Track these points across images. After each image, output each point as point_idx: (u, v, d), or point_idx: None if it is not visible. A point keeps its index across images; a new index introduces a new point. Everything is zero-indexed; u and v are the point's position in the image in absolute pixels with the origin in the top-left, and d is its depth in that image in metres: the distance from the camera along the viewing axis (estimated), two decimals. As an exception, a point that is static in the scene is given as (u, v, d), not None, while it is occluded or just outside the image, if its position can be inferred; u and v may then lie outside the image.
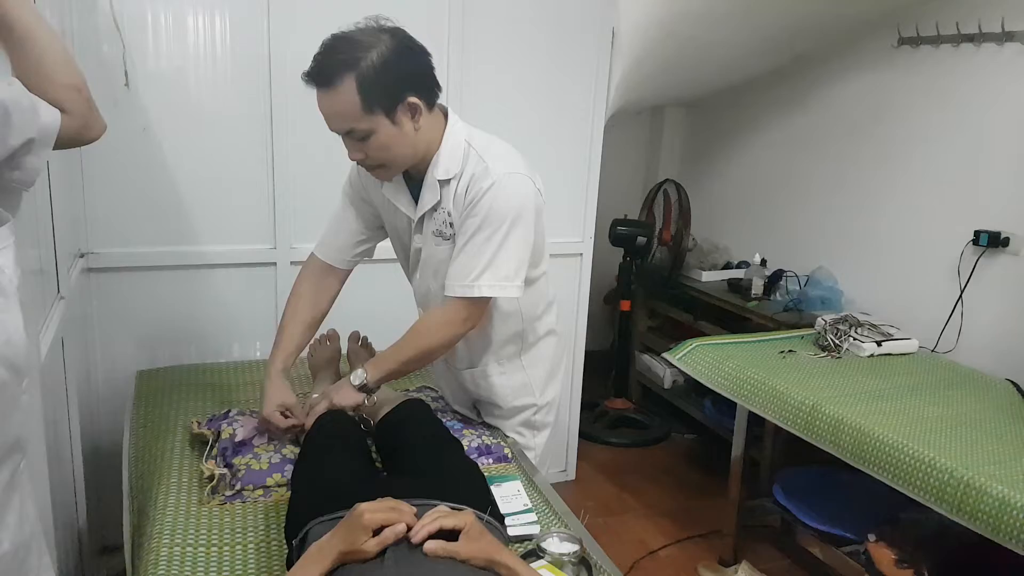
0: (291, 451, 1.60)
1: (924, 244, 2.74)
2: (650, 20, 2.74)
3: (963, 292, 2.58)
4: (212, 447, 1.63)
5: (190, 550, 1.32)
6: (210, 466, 1.54)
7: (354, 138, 1.45)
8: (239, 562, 1.31)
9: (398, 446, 1.55)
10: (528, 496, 1.52)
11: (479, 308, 1.59)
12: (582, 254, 2.93)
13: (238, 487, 1.51)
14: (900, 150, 2.83)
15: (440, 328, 1.59)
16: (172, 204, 2.31)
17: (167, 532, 1.36)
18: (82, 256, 2.21)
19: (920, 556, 2.05)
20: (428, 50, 1.47)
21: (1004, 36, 2.44)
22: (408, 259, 1.72)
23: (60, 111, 1.02)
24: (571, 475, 3.18)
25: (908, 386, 2.28)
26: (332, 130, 1.46)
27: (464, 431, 1.77)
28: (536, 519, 1.44)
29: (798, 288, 3.09)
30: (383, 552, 1.04)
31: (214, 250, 2.38)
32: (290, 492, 1.42)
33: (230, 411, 1.78)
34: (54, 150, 1.02)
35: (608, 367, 3.74)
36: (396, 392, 1.85)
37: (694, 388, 3.44)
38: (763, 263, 3.25)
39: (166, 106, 2.23)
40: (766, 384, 2.25)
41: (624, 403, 3.68)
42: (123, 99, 2.17)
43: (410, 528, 1.06)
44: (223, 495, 1.49)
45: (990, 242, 2.48)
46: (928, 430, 1.95)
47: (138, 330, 2.35)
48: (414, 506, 1.11)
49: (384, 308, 2.09)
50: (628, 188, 4.12)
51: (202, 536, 1.36)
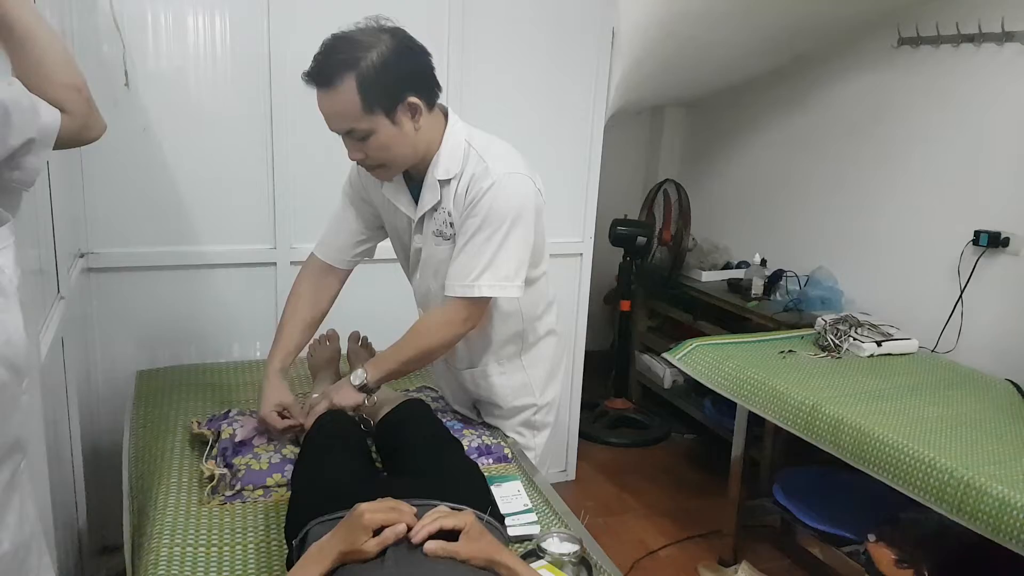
0: (291, 451, 1.60)
1: (924, 244, 2.74)
2: (650, 20, 2.74)
3: (963, 292, 2.58)
4: (212, 447, 1.63)
5: (190, 550, 1.32)
6: (210, 466, 1.54)
7: (354, 138, 1.45)
8: (239, 562, 1.31)
9: (398, 446, 1.55)
10: (528, 496, 1.52)
11: (479, 308, 1.59)
12: (582, 254, 2.93)
13: (238, 487, 1.51)
14: (900, 150, 2.83)
15: (440, 328, 1.59)
16: (172, 204, 2.31)
17: (167, 532, 1.36)
18: (82, 256, 2.21)
19: (920, 556, 2.05)
20: (428, 50, 1.47)
21: (1004, 36, 2.44)
22: (408, 259, 1.72)
23: (60, 111, 1.02)
24: (571, 475, 3.18)
25: (908, 386, 2.28)
26: (332, 130, 1.46)
27: (464, 431, 1.77)
28: (536, 519, 1.44)
29: (798, 288, 3.09)
30: (383, 552, 1.04)
31: (214, 250, 2.38)
32: (290, 492, 1.42)
33: (230, 411, 1.78)
34: (54, 150, 1.02)
35: (608, 367, 3.74)
36: (396, 392, 1.85)
37: (694, 388, 3.44)
38: (763, 263, 3.25)
39: (166, 106, 2.24)
40: (766, 384, 2.25)
41: (624, 403, 3.68)
42: (123, 99, 2.17)
43: (410, 528, 1.06)
44: (223, 495, 1.49)
45: (990, 242, 2.48)
46: (928, 430, 1.95)
47: (138, 330, 2.35)
48: (414, 506, 1.11)
49: (384, 308, 2.09)
50: (628, 188, 4.12)
51: (202, 536, 1.36)
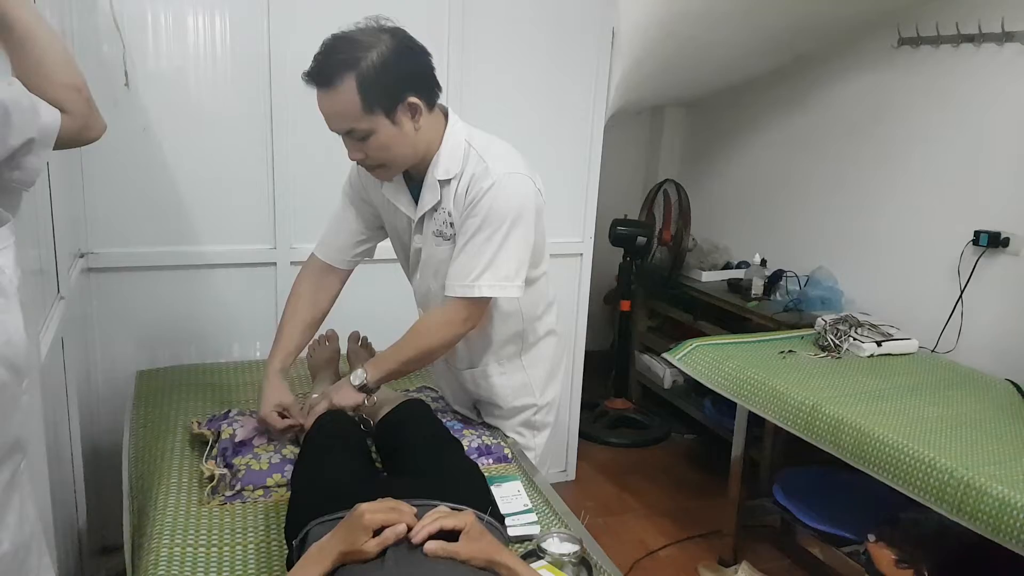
0: (291, 451, 1.60)
1: (924, 244, 2.74)
2: (650, 20, 2.74)
3: (963, 292, 2.58)
4: (212, 447, 1.63)
5: (190, 550, 1.32)
6: (210, 466, 1.54)
7: (354, 138, 1.45)
8: (239, 562, 1.31)
9: (398, 446, 1.55)
10: (528, 496, 1.52)
11: (479, 308, 1.59)
12: (582, 254, 2.93)
13: (238, 487, 1.51)
14: (900, 150, 2.83)
15: (440, 328, 1.59)
16: (172, 204, 2.31)
17: (167, 532, 1.36)
18: (82, 256, 2.21)
19: (920, 556, 2.05)
20: (428, 50, 1.47)
21: (1004, 36, 2.44)
22: (408, 259, 1.72)
23: (60, 111, 1.02)
24: (571, 475, 3.18)
25: (908, 386, 2.28)
26: (332, 130, 1.46)
27: (464, 431, 1.77)
28: (536, 519, 1.44)
29: (798, 288, 3.09)
30: (383, 552, 1.04)
31: (214, 250, 2.38)
32: (290, 492, 1.42)
33: (230, 411, 1.78)
34: (54, 150, 1.02)
35: (608, 367, 3.74)
36: (396, 392, 1.85)
37: (694, 388, 3.44)
38: (763, 263, 3.25)
39: (166, 106, 2.24)
40: (766, 384, 2.25)
41: (624, 403, 3.68)
42: (123, 99, 2.17)
43: (410, 528, 1.06)
44: (223, 495, 1.49)
45: (990, 242, 2.48)
46: (928, 430, 1.95)
47: (138, 330, 2.35)
48: (414, 506, 1.11)
49: (384, 308, 2.09)
50: (628, 188, 4.12)
51: (202, 536, 1.36)
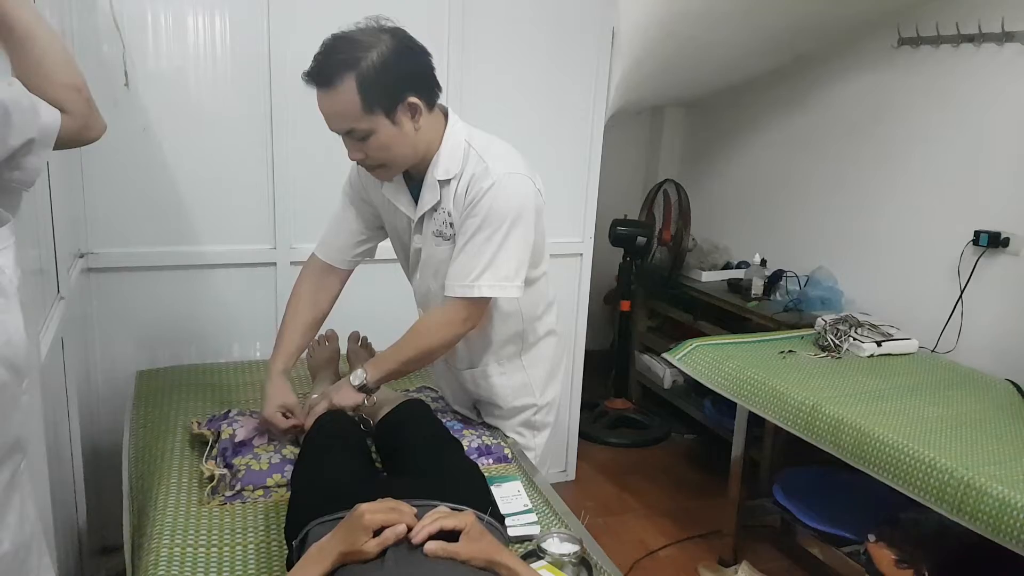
0: (291, 451, 1.60)
1: (924, 244, 2.74)
2: (650, 20, 2.74)
3: (963, 292, 2.58)
4: (212, 447, 1.63)
5: (190, 550, 1.32)
6: (210, 466, 1.54)
7: (354, 138, 1.45)
8: (239, 562, 1.31)
9: (398, 446, 1.55)
10: (528, 496, 1.52)
11: (479, 308, 1.59)
12: (582, 254, 2.93)
13: (238, 487, 1.51)
14: (900, 150, 2.83)
15: (440, 328, 1.59)
16: (172, 204, 2.31)
17: (167, 532, 1.36)
18: (82, 256, 2.21)
19: (920, 556, 2.05)
20: (428, 50, 1.47)
21: (1004, 36, 2.44)
22: (408, 259, 1.72)
23: (60, 111, 1.02)
24: (571, 475, 3.18)
25: (908, 386, 2.28)
26: (332, 130, 1.46)
27: (464, 431, 1.77)
28: (536, 519, 1.44)
29: (798, 288, 3.09)
30: (383, 553, 1.04)
31: (214, 250, 2.38)
32: (290, 492, 1.42)
33: (230, 411, 1.78)
34: (54, 150, 1.02)
35: (608, 367, 3.74)
36: (396, 392, 1.85)
37: (694, 388, 3.44)
38: (763, 263, 3.25)
39: (166, 106, 2.24)
40: (766, 384, 2.25)
41: (624, 403, 3.68)
42: (123, 99, 2.17)
43: (410, 529, 1.06)
44: (223, 495, 1.49)
45: (990, 242, 2.48)
46: (928, 430, 1.95)
47: (138, 330, 2.35)
48: (414, 507, 1.11)
49: (384, 308, 2.09)
50: (628, 188, 4.12)
51: (202, 536, 1.36)
